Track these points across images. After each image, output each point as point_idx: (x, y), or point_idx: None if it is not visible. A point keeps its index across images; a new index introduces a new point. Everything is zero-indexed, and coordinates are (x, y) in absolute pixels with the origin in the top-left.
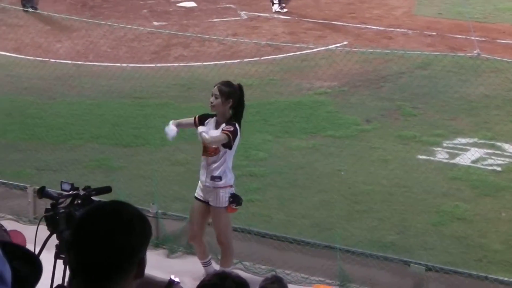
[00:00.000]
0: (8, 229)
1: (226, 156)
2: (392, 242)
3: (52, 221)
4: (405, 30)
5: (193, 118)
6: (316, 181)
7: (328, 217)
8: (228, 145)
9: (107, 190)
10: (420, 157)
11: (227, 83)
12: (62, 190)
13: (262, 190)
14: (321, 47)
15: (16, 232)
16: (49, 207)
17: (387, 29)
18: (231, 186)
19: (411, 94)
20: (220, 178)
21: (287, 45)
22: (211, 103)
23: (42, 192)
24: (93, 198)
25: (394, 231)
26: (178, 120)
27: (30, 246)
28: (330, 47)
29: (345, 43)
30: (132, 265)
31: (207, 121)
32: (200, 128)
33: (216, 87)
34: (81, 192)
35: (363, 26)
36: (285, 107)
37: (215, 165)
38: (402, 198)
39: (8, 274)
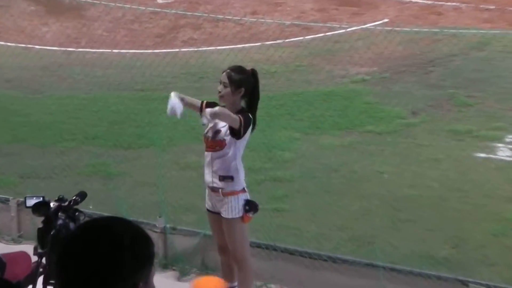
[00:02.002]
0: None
1: (235, 150)
2: (445, 258)
3: (56, 240)
4: (457, 4)
5: (201, 102)
6: (353, 186)
7: (368, 229)
8: (237, 134)
9: (83, 195)
10: (478, 155)
11: (239, 68)
12: (26, 206)
13: (290, 197)
14: (357, 26)
15: (22, 253)
16: (41, 224)
17: (436, 2)
18: (244, 190)
19: (466, 80)
20: (231, 178)
21: (317, 24)
22: (219, 92)
23: (39, 209)
24: (77, 208)
25: (448, 244)
26: (181, 95)
27: None
28: (368, 25)
29: (385, 20)
30: None
31: None
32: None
33: (225, 73)
34: (65, 203)
35: None
36: (315, 99)
37: (222, 161)
38: (457, 205)
39: None
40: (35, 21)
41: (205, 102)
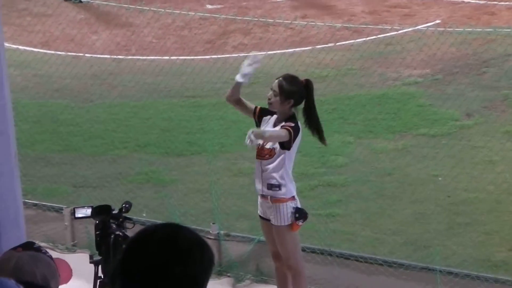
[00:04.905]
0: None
1: (284, 160)
2: (503, 260)
3: (114, 247)
4: (511, 3)
5: (255, 107)
6: (408, 190)
7: (424, 233)
8: (287, 145)
9: (130, 203)
10: None
11: (291, 79)
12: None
13: (344, 202)
14: (408, 28)
15: (59, 260)
16: (98, 229)
17: (489, 2)
18: (293, 198)
19: None
20: (279, 187)
21: (368, 27)
22: (269, 99)
23: (100, 213)
24: (126, 216)
25: (505, 247)
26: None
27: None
28: (419, 27)
29: (437, 21)
30: None
31: (266, 117)
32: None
33: (277, 81)
34: (115, 211)
35: (459, 0)
36: (367, 102)
37: (271, 170)
38: None
39: None
40: (84, 29)
41: (258, 108)
